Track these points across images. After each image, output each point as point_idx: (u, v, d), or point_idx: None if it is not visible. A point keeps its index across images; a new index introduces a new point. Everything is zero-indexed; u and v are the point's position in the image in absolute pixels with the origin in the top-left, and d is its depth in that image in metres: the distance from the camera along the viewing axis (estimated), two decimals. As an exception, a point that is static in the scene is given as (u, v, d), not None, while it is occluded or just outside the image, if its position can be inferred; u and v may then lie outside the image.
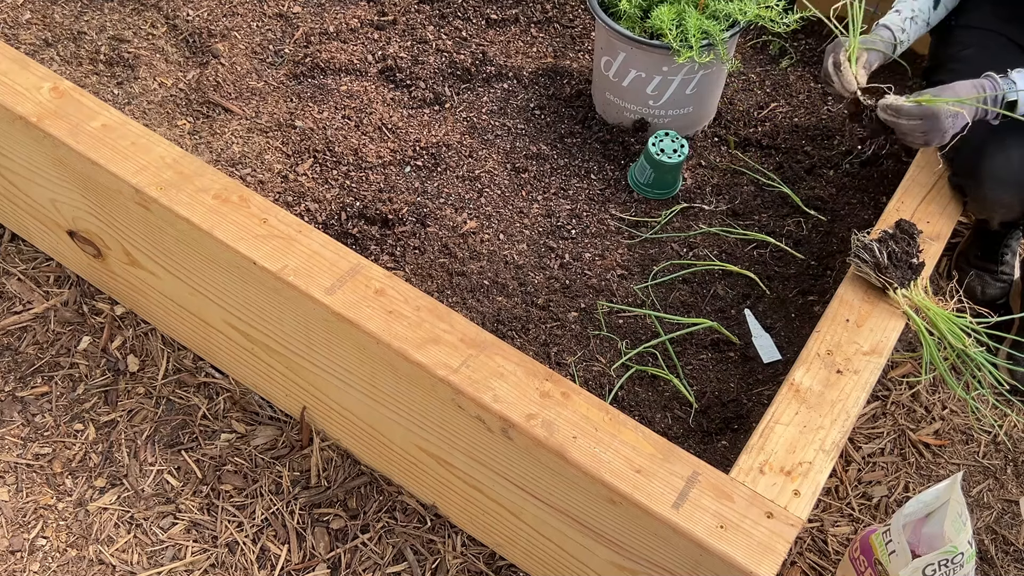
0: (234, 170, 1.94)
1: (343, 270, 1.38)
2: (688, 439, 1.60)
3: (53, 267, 1.95)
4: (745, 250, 1.89)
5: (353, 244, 1.85)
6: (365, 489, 1.66)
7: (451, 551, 1.59)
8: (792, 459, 1.25)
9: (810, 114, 2.16)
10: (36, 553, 1.58)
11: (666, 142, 1.91)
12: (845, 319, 1.45)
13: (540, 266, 1.84)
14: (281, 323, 1.49)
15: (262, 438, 1.72)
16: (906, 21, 1.76)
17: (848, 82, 1.67)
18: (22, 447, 1.70)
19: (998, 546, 1.67)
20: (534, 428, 1.22)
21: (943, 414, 1.83)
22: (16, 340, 1.84)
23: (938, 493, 1.37)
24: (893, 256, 1.48)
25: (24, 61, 1.64)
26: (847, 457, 1.76)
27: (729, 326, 1.76)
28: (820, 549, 1.64)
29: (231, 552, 1.59)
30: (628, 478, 1.18)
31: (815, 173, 2.03)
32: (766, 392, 1.64)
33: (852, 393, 1.34)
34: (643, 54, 1.92)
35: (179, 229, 1.48)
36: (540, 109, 2.14)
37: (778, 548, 1.14)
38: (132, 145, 1.52)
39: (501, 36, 2.31)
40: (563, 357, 1.69)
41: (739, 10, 1.88)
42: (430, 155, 2.01)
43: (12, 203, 1.87)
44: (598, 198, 1.98)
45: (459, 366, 1.28)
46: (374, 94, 2.12)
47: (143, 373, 1.81)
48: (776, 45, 2.34)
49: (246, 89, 2.12)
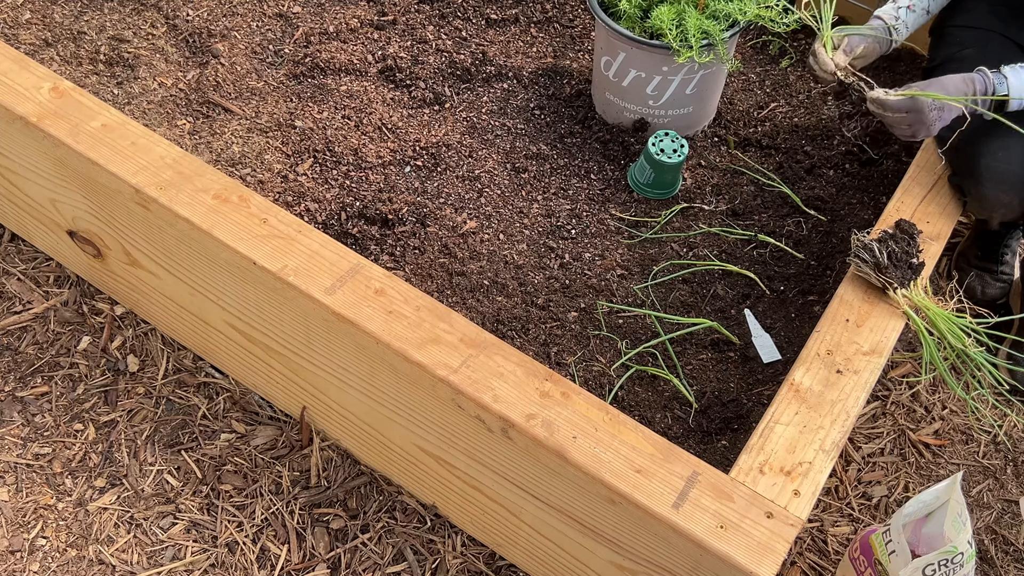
0: (234, 170, 1.94)
1: (343, 270, 1.38)
2: (688, 439, 1.60)
3: (53, 267, 1.95)
4: (745, 250, 1.89)
5: (353, 244, 1.85)
6: (365, 489, 1.66)
7: (451, 551, 1.59)
8: (792, 459, 1.25)
9: (810, 114, 2.16)
10: (36, 553, 1.58)
11: (666, 142, 1.91)
12: (845, 319, 1.45)
13: (540, 266, 1.84)
14: (281, 323, 1.49)
15: (262, 438, 1.72)
16: (900, 10, 1.78)
17: (824, 63, 1.73)
18: (22, 447, 1.71)
19: (998, 546, 1.67)
20: (534, 428, 1.22)
21: (943, 414, 1.83)
22: (16, 340, 1.84)
23: (938, 493, 1.37)
24: (893, 256, 1.48)
25: (24, 61, 1.64)
26: (847, 457, 1.76)
27: (729, 326, 1.76)
28: (820, 549, 1.64)
29: (231, 552, 1.59)
30: (628, 478, 1.18)
31: (815, 173, 2.03)
32: (766, 392, 1.64)
33: (852, 393, 1.34)
34: (643, 54, 1.92)
35: (179, 229, 1.48)
36: (540, 109, 2.14)
37: (778, 548, 1.14)
38: (132, 145, 1.52)
39: (501, 36, 2.31)
40: (563, 357, 1.69)
41: (739, 10, 1.88)
42: (430, 155, 2.01)
43: (12, 203, 1.87)
44: (598, 198, 1.98)
45: (459, 366, 1.28)
46: (374, 94, 2.12)
47: (143, 373, 1.81)
48: (776, 45, 2.34)
49: (246, 89, 2.13)
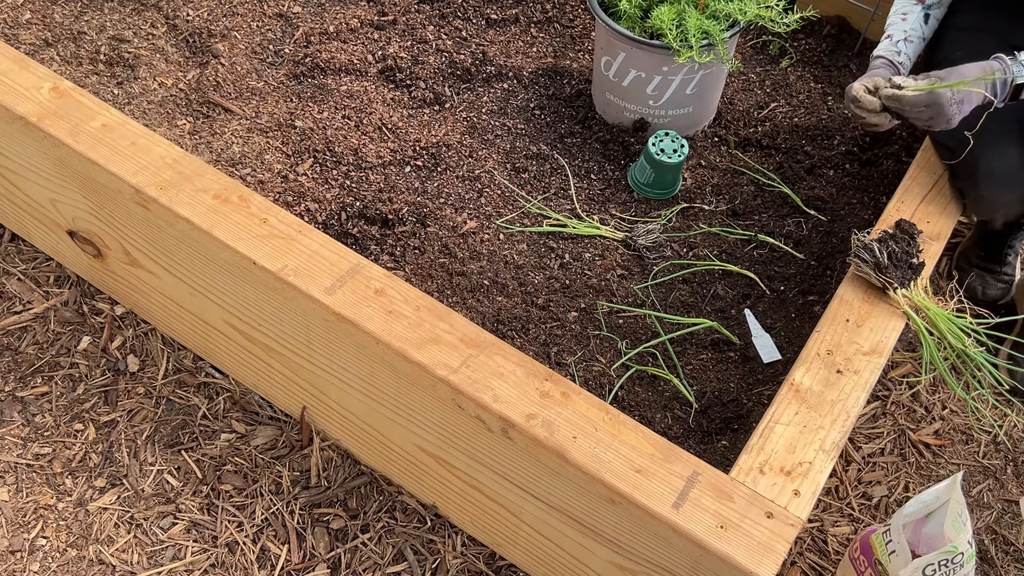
0: (234, 170, 1.94)
1: (343, 270, 1.38)
2: (688, 439, 1.60)
3: (53, 267, 1.95)
4: (745, 250, 1.89)
5: (353, 244, 1.85)
6: (365, 489, 1.66)
7: (451, 551, 1.59)
8: (792, 459, 1.25)
9: (810, 114, 2.16)
10: (36, 553, 1.58)
11: (666, 142, 1.91)
12: (845, 319, 1.45)
13: (540, 266, 1.84)
14: (281, 323, 1.49)
15: (262, 438, 1.72)
16: (899, 43, 1.75)
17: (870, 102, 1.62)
18: (22, 447, 1.70)
19: (998, 546, 1.67)
20: (534, 428, 1.22)
21: (943, 414, 1.83)
22: (16, 340, 1.84)
23: (938, 493, 1.37)
24: (893, 256, 1.48)
25: (24, 61, 1.64)
26: (847, 457, 1.76)
27: (729, 326, 1.76)
28: (820, 549, 1.64)
29: (231, 552, 1.59)
30: (628, 478, 1.18)
31: (815, 173, 2.03)
32: (766, 392, 1.64)
33: (852, 393, 1.34)
34: (643, 54, 1.92)
35: (179, 229, 1.48)
36: (540, 109, 2.14)
37: (778, 548, 1.14)
38: (132, 145, 1.52)
39: (501, 36, 2.31)
40: (563, 357, 1.69)
41: (739, 10, 1.88)
42: (430, 155, 2.01)
43: (12, 203, 1.87)
44: (598, 198, 1.98)
45: (459, 366, 1.28)
46: (374, 94, 2.12)
47: (143, 373, 1.81)
48: (776, 45, 2.34)
49: (246, 89, 2.13)
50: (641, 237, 1.84)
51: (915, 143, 1.98)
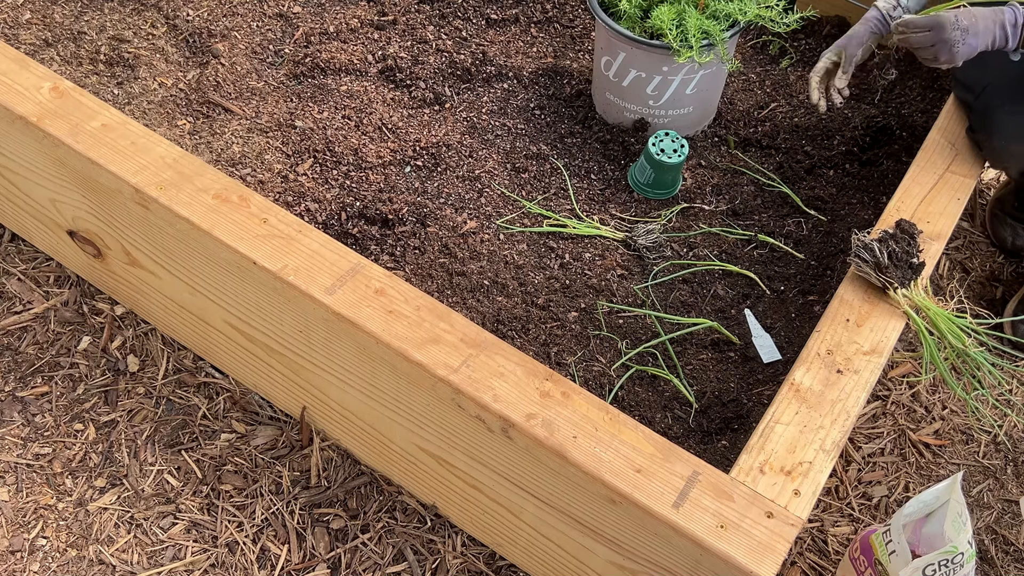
0: (234, 170, 1.94)
1: (343, 270, 1.38)
2: (688, 439, 1.60)
3: (53, 267, 1.95)
4: (745, 250, 1.89)
5: (353, 244, 1.85)
6: (365, 489, 1.66)
7: (451, 551, 1.59)
8: (792, 459, 1.25)
9: (810, 114, 2.16)
10: (36, 553, 1.58)
11: (666, 142, 1.91)
12: (845, 319, 1.45)
13: (540, 266, 1.84)
14: (281, 323, 1.49)
15: (262, 438, 1.72)
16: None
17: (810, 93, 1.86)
18: (22, 447, 1.70)
19: (998, 546, 1.67)
20: (534, 428, 1.22)
21: (943, 414, 1.83)
22: (16, 340, 1.84)
23: (938, 493, 1.37)
24: (893, 256, 1.48)
25: (24, 61, 1.64)
26: (847, 457, 1.76)
27: (729, 326, 1.76)
28: (820, 549, 1.64)
29: (231, 552, 1.59)
30: (628, 478, 1.18)
31: (815, 173, 2.03)
32: (766, 392, 1.64)
33: (852, 393, 1.34)
34: (643, 54, 1.92)
35: (179, 229, 1.48)
36: (540, 109, 2.14)
37: (778, 548, 1.14)
38: (132, 145, 1.52)
39: (501, 36, 2.31)
40: (563, 357, 1.69)
41: (739, 10, 1.88)
42: (430, 155, 2.01)
43: (12, 203, 1.87)
44: (598, 198, 1.98)
45: (459, 366, 1.28)
46: (374, 94, 2.12)
47: (143, 373, 1.81)
48: (776, 45, 2.34)
49: (246, 89, 2.13)
50: (641, 237, 1.84)
51: (915, 143, 1.98)
